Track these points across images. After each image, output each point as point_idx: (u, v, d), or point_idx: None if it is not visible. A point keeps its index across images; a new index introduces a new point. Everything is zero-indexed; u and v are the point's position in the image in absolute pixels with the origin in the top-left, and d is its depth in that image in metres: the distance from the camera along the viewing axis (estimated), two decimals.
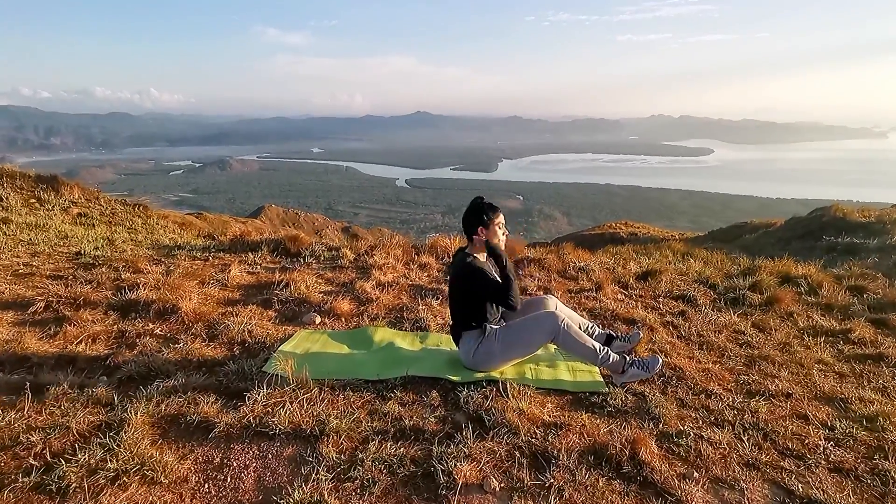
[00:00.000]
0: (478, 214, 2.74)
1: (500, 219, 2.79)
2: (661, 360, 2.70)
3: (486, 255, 2.81)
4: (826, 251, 9.32)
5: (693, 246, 10.97)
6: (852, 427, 2.32)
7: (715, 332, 3.53)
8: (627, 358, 2.65)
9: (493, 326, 2.69)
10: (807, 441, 2.21)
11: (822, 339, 3.51)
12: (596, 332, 2.94)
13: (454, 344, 2.81)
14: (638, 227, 21.74)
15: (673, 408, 2.40)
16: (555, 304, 2.90)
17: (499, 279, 2.69)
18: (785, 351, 3.30)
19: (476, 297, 2.69)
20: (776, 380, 2.81)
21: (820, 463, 2.07)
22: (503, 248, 2.83)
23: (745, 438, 2.19)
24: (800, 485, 1.93)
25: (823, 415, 2.45)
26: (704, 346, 3.26)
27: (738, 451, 2.11)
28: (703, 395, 2.57)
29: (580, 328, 2.77)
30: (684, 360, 2.98)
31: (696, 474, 1.94)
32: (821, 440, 2.22)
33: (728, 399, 2.54)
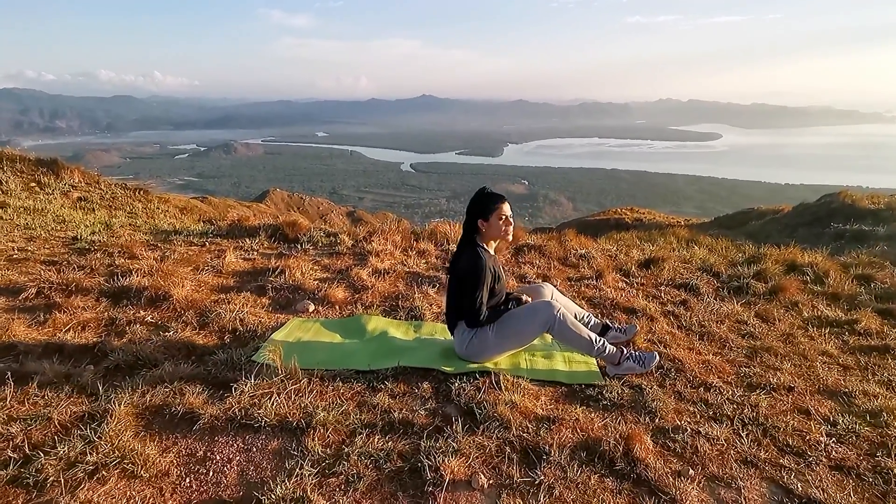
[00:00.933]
0: (477, 205, 2.60)
1: (505, 210, 2.60)
2: (657, 358, 2.64)
3: (496, 246, 2.71)
4: (834, 238, 9.19)
5: (698, 232, 10.84)
6: (855, 423, 2.25)
7: (717, 322, 3.46)
8: (625, 350, 2.59)
9: None
10: (808, 437, 2.14)
11: (827, 329, 3.43)
12: (591, 322, 2.88)
13: (448, 333, 2.75)
14: (643, 213, 21.56)
15: (670, 401, 2.34)
16: (551, 292, 2.83)
17: (495, 283, 2.61)
18: (788, 342, 3.22)
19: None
20: (778, 372, 2.74)
21: (820, 460, 2.01)
22: (509, 240, 2.73)
23: (743, 434, 2.13)
24: (799, 483, 1.87)
25: (826, 409, 2.38)
26: (705, 337, 3.19)
27: (736, 447, 2.05)
28: (701, 389, 2.50)
29: (576, 317, 2.71)
30: (684, 351, 2.91)
31: (691, 472, 1.88)
32: (822, 436, 2.15)
33: (728, 392, 2.48)
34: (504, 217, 2.61)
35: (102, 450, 1.76)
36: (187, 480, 1.73)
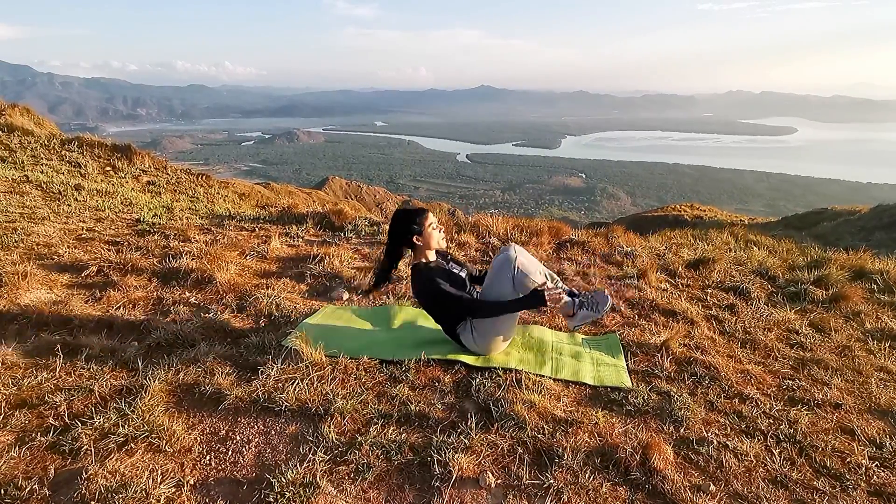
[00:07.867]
0: (406, 225, 2.58)
1: (431, 219, 2.62)
2: (610, 299, 2.54)
3: (435, 252, 2.69)
4: None
5: (760, 232, 10.24)
6: None
7: (764, 329, 3.26)
8: (575, 300, 2.52)
9: None
10: (848, 459, 1.99)
11: (889, 343, 3.17)
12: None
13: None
14: (705, 210, 20.61)
15: (700, 411, 2.23)
16: (513, 249, 2.68)
17: (460, 274, 2.64)
18: (843, 355, 3.00)
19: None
20: (826, 387, 2.56)
21: (859, 485, 1.86)
22: (444, 247, 2.72)
23: (776, 451, 2.00)
24: None
25: (874, 430, 2.21)
26: (749, 345, 3.02)
27: (766, 464, 1.93)
28: (736, 400, 2.37)
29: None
30: (722, 358, 2.76)
31: (712, 487, 1.79)
32: (864, 459, 2.00)
33: (765, 405, 2.34)
34: (433, 224, 2.63)
35: (134, 423, 1.87)
36: (208, 458, 1.81)
